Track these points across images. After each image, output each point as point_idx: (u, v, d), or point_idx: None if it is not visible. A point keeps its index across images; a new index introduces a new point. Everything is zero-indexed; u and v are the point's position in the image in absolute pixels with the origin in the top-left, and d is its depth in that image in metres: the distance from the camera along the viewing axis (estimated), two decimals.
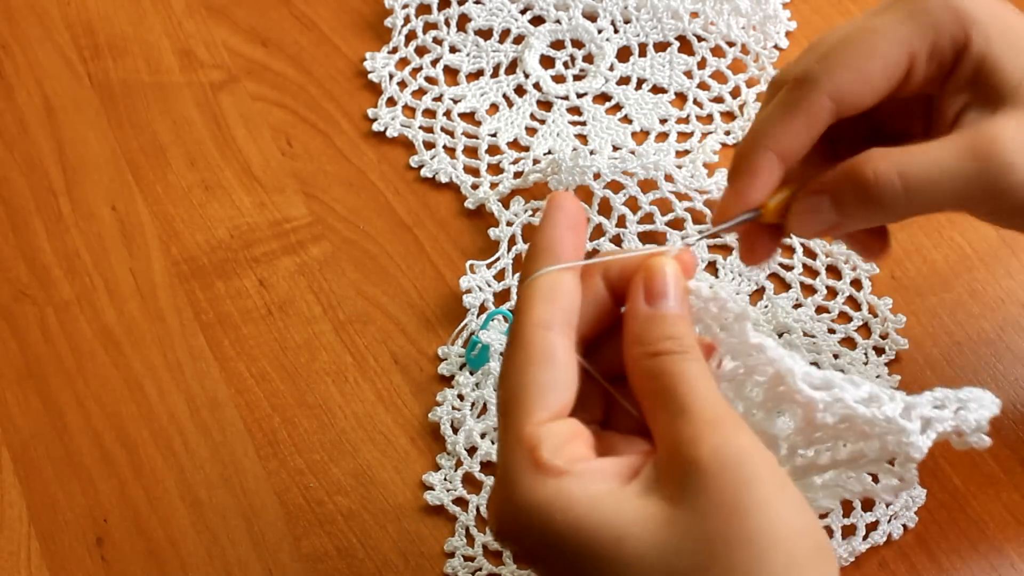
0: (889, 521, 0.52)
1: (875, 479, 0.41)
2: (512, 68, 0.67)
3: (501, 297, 0.59)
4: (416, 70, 0.67)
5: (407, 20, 0.68)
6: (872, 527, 0.52)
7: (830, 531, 0.52)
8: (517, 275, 0.59)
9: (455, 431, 0.55)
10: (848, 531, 0.52)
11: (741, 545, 0.34)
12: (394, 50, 0.68)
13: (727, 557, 0.33)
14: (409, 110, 0.66)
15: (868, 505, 0.52)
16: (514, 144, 0.64)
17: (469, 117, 0.65)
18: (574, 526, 0.35)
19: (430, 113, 0.65)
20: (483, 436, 0.55)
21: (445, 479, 0.54)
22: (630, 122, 0.65)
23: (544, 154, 0.63)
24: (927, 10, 0.42)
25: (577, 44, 0.67)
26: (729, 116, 0.65)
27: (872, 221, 0.44)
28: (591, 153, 0.62)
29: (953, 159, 0.42)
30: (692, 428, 0.35)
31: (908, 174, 0.42)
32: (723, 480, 0.34)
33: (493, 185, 0.62)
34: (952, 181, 0.42)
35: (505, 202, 0.62)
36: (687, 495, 0.34)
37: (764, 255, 0.46)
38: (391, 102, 0.66)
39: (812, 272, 0.59)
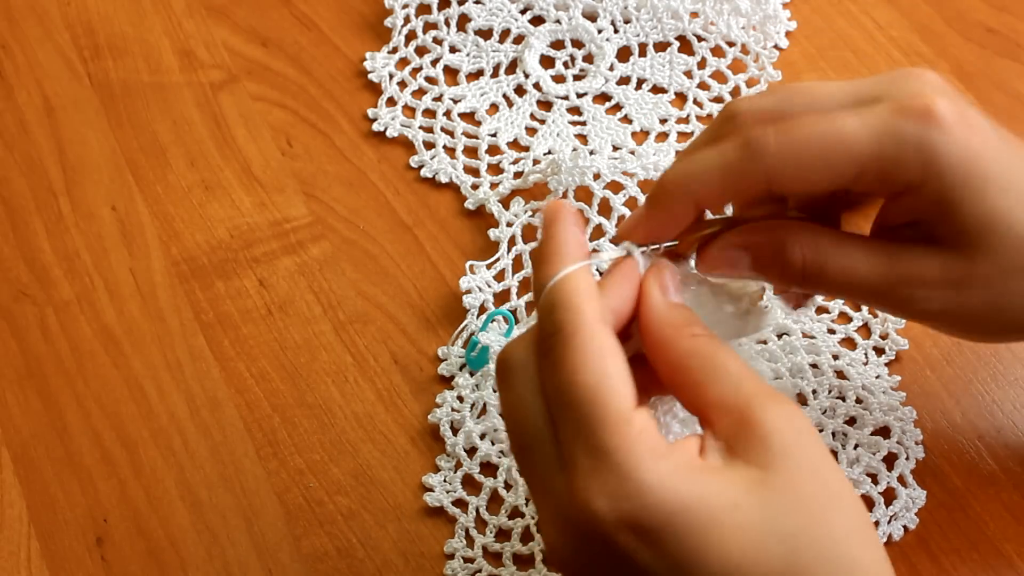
0: (889, 522, 0.52)
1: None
2: (512, 68, 0.67)
3: (501, 298, 0.59)
4: (416, 70, 0.67)
5: (407, 20, 0.68)
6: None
7: None
8: (517, 276, 0.59)
9: (455, 432, 0.55)
10: None
11: (833, 503, 0.36)
12: (394, 50, 0.68)
13: (825, 514, 0.36)
14: (409, 110, 0.66)
15: (867, 505, 0.52)
16: (514, 144, 0.64)
17: (469, 117, 0.65)
18: (698, 496, 0.35)
19: (430, 113, 0.65)
20: (483, 437, 0.55)
21: (445, 480, 0.54)
22: (630, 122, 0.65)
23: (544, 154, 0.63)
24: (897, 138, 0.40)
25: (577, 44, 0.67)
26: None
27: (781, 286, 0.45)
28: (591, 153, 0.62)
29: (870, 274, 0.42)
30: (758, 396, 0.37)
31: (829, 270, 0.43)
32: (803, 445, 0.37)
33: (493, 185, 0.62)
34: (864, 291, 0.43)
35: (505, 202, 0.62)
36: (773, 459, 0.36)
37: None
38: (391, 102, 0.66)
39: None
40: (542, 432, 0.38)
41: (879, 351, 0.57)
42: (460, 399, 0.56)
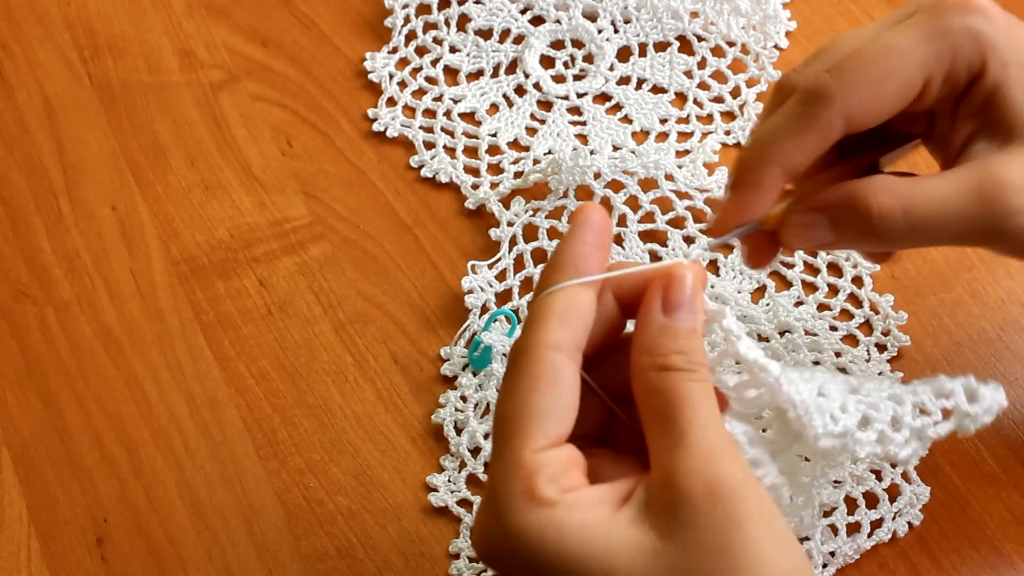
0: (894, 518, 0.52)
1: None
2: (512, 68, 0.67)
3: (503, 297, 0.59)
4: (416, 70, 0.67)
5: (407, 20, 0.68)
6: (877, 524, 0.52)
7: (835, 529, 0.52)
8: (519, 275, 0.59)
9: (458, 432, 0.55)
10: (853, 528, 0.52)
11: None
12: (394, 50, 0.68)
13: None
14: (409, 110, 0.66)
15: (872, 503, 0.52)
16: (514, 144, 0.64)
17: (469, 117, 0.65)
18: (565, 556, 0.34)
19: (430, 113, 0.65)
20: (486, 437, 0.55)
21: (449, 480, 0.54)
22: (630, 122, 0.65)
23: (544, 154, 0.63)
24: (948, 32, 0.41)
25: (577, 44, 0.67)
26: (729, 116, 0.65)
27: (867, 248, 0.44)
28: (591, 153, 0.62)
29: (958, 200, 0.41)
30: (688, 459, 0.35)
31: (912, 211, 0.41)
32: (713, 518, 0.34)
33: (493, 185, 0.62)
34: (955, 222, 0.41)
35: (505, 202, 0.62)
36: (677, 529, 0.34)
37: (767, 259, 0.45)
38: (391, 102, 0.66)
39: (813, 270, 0.59)
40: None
41: (881, 348, 0.57)
42: (464, 399, 0.56)
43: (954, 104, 0.43)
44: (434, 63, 0.67)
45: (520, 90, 0.66)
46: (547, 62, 0.67)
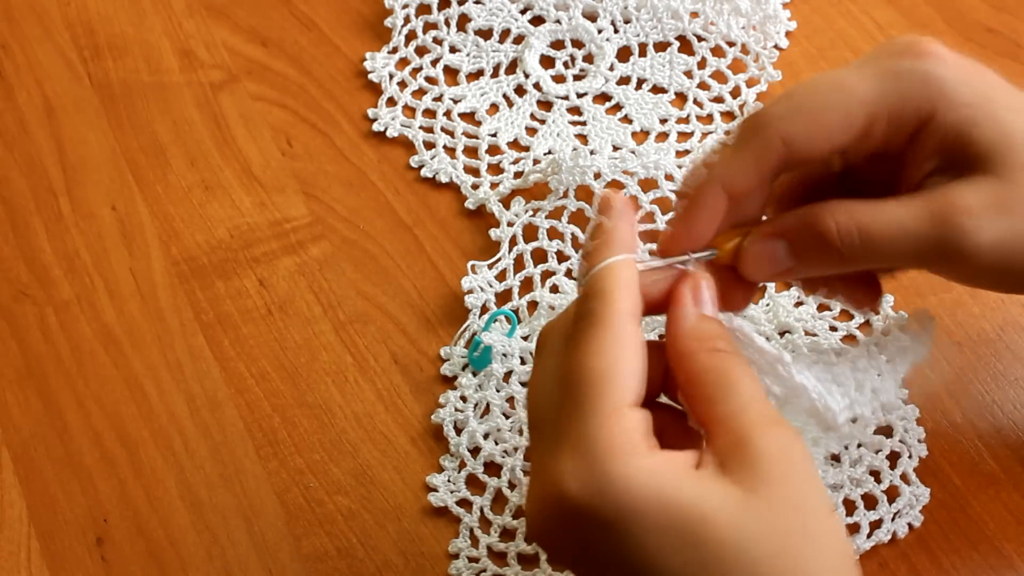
0: (893, 519, 0.52)
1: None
2: (512, 68, 0.67)
3: (503, 297, 0.59)
4: (416, 70, 0.67)
5: (407, 20, 0.68)
6: (876, 525, 0.52)
7: None
8: (519, 275, 0.59)
9: (458, 432, 0.55)
10: (852, 529, 0.52)
11: (808, 540, 0.36)
12: (394, 50, 0.68)
13: (797, 549, 0.36)
14: (409, 110, 0.66)
15: (871, 504, 0.52)
16: (514, 144, 0.64)
17: (469, 117, 0.65)
18: (664, 502, 0.36)
19: (430, 113, 0.66)
20: (486, 437, 0.55)
21: (449, 480, 0.54)
22: (630, 122, 0.65)
23: (544, 154, 0.64)
24: (896, 74, 0.42)
25: (577, 44, 0.67)
26: (729, 116, 0.65)
27: (825, 270, 0.44)
28: (591, 153, 0.62)
29: (912, 220, 0.42)
30: (760, 421, 0.38)
31: (868, 229, 0.42)
32: (791, 476, 0.37)
33: (493, 185, 0.62)
34: (910, 241, 0.42)
35: (505, 202, 0.62)
36: (760, 484, 0.36)
37: (740, 303, 0.46)
38: (391, 102, 0.66)
39: None
40: (552, 410, 0.39)
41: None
42: (463, 399, 0.56)
43: (905, 146, 0.44)
44: (434, 63, 0.67)
45: (520, 90, 0.66)
46: (547, 62, 0.67)
